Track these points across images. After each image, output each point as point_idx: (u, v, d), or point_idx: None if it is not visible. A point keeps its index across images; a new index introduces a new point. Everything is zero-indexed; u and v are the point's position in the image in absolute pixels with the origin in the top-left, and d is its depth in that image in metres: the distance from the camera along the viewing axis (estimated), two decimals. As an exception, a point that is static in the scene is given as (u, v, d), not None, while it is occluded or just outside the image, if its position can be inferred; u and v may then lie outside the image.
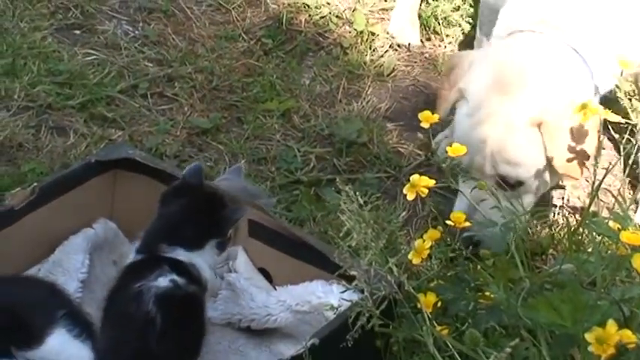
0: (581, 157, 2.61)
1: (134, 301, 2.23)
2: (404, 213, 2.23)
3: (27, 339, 2.31)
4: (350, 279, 2.16)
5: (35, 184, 2.53)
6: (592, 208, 2.20)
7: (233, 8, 3.71)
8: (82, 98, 3.23)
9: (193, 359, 2.29)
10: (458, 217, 2.20)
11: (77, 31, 3.54)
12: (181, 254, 2.32)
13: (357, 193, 2.11)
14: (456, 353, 1.88)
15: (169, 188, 2.45)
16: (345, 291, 2.15)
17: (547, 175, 2.67)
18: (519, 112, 2.60)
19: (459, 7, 3.81)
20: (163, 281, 2.24)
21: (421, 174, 2.20)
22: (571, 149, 2.59)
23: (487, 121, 2.63)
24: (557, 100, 2.59)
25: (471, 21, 3.74)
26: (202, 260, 2.34)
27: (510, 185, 2.63)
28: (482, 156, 2.57)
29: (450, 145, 2.32)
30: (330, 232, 2.62)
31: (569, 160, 2.60)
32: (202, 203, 2.40)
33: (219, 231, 2.38)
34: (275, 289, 2.52)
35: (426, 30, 3.74)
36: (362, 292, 2.10)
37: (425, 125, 2.30)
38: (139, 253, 2.37)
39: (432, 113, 2.35)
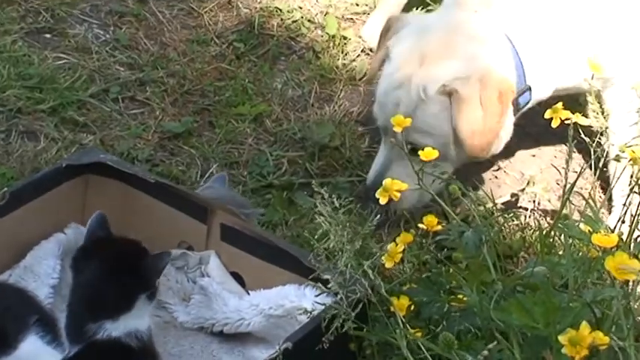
0: (488, 134, 2.69)
1: None
2: (377, 217, 2.22)
3: (1, 345, 2.31)
4: (324, 282, 2.17)
5: (5, 189, 2.52)
6: (563, 211, 2.21)
7: (205, 12, 3.71)
8: (53, 102, 3.22)
9: None
10: (430, 220, 2.21)
11: (48, 35, 3.53)
12: (111, 328, 2.16)
13: (332, 196, 2.12)
14: (429, 356, 1.88)
15: (77, 251, 2.30)
16: (319, 294, 2.16)
17: (454, 148, 2.74)
18: (433, 81, 2.66)
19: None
20: None
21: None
22: (479, 124, 2.64)
23: (402, 85, 2.70)
24: (472, 74, 2.63)
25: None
26: (135, 320, 2.19)
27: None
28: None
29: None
30: (303, 235, 2.62)
31: (475, 135, 2.67)
32: (118, 259, 2.22)
33: (146, 284, 2.21)
34: (248, 293, 2.51)
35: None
36: (336, 295, 2.12)
37: (397, 129, 2.30)
38: (72, 344, 2.20)
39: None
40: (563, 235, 2.22)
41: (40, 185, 2.59)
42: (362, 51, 3.65)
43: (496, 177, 3.20)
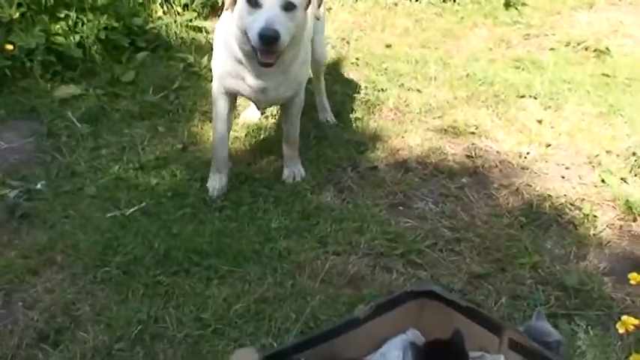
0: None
1: None
2: (618, 342, 2.09)
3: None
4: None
5: (372, 303, 2.56)
6: None
7: (500, 196, 3.66)
8: (402, 249, 3.25)
9: None
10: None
11: (401, 208, 3.58)
12: None
13: (588, 327, 2.01)
14: None
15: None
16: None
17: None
18: None
19: None
20: None
21: (627, 314, 2.08)
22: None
23: None
24: None
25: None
26: None
27: (290, 9, 3.02)
28: None
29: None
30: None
31: None
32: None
33: None
34: (526, 386, 2.41)
35: (632, 212, 3.55)
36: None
37: (633, 282, 2.16)
38: None
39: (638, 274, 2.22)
40: None
41: (393, 303, 2.60)
42: (607, 226, 3.47)
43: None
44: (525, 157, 3.97)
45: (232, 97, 3.49)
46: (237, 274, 3.04)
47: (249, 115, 4.09)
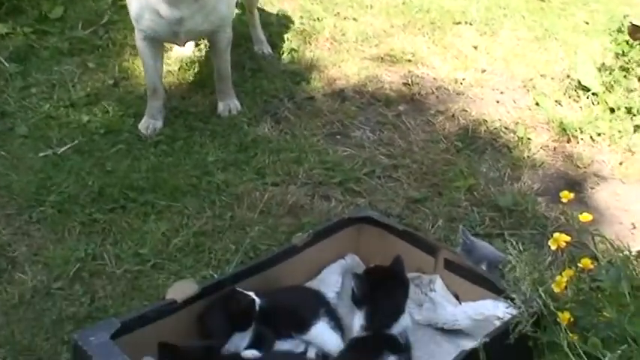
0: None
1: None
2: (549, 258, 2.15)
3: (301, 327, 2.35)
4: (511, 299, 2.11)
5: (310, 231, 2.58)
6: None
7: (437, 122, 3.69)
8: (341, 178, 3.27)
9: None
10: (585, 262, 2.10)
11: (339, 137, 3.59)
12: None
13: (518, 243, 2.07)
14: (582, 352, 1.80)
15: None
16: (508, 307, 2.09)
17: None
18: None
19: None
20: None
21: (560, 232, 2.14)
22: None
23: None
24: None
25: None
26: (405, 320, 2.27)
27: None
28: None
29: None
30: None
31: None
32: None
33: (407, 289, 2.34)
34: (460, 304, 2.47)
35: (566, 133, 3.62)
36: (519, 308, 2.05)
37: (565, 200, 2.22)
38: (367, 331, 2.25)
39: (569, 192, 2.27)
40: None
41: (331, 229, 2.64)
42: (541, 148, 3.54)
43: (632, 233, 3.04)
44: (461, 83, 4.00)
45: (156, 43, 3.42)
46: (174, 209, 3.03)
47: (182, 49, 4.02)
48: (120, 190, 3.08)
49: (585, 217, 2.11)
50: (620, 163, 3.46)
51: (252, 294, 2.31)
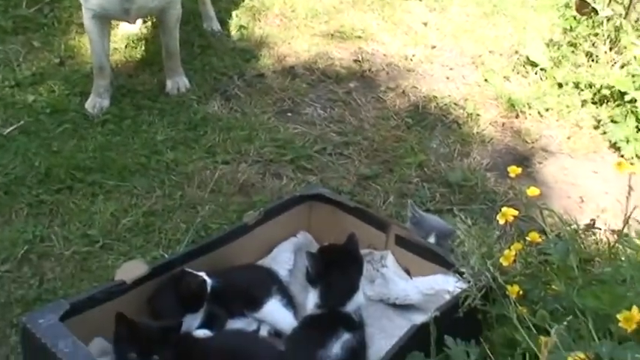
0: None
1: None
2: (497, 232, 2.17)
3: (253, 305, 2.34)
4: (461, 274, 2.12)
5: (262, 209, 2.56)
6: (625, 231, 2.10)
7: (387, 99, 3.70)
8: (292, 156, 3.26)
9: None
10: (533, 236, 2.12)
11: (289, 114, 3.58)
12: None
13: (467, 218, 2.08)
14: (531, 325, 1.82)
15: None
16: (458, 281, 2.11)
17: None
18: None
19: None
20: None
21: (509, 207, 2.15)
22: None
23: None
24: None
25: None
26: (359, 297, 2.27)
27: None
28: None
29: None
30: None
31: None
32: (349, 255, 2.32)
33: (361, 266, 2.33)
34: (411, 279, 2.49)
35: (514, 109, 3.65)
36: (469, 282, 2.07)
37: (512, 175, 2.23)
38: (322, 309, 2.22)
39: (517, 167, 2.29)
40: (624, 247, 2.12)
41: (282, 207, 2.62)
42: (490, 124, 3.57)
43: (580, 207, 3.09)
44: (411, 60, 4.01)
45: (104, 21, 3.35)
46: (123, 189, 2.99)
47: (129, 26, 3.95)
48: (67, 170, 3.03)
49: (533, 191, 2.13)
50: (568, 138, 3.51)
51: (203, 274, 2.28)
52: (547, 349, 1.56)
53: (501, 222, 2.09)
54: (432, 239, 2.56)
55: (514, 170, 2.22)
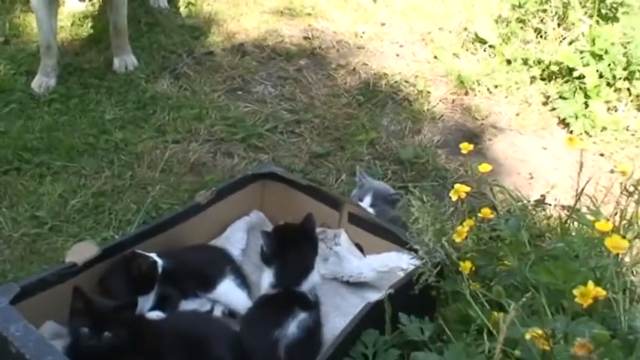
0: None
1: None
2: (450, 209, 2.17)
3: (207, 285, 2.32)
4: (415, 251, 2.13)
5: (213, 188, 2.54)
6: (576, 207, 2.13)
7: (338, 76, 3.69)
8: (243, 134, 3.23)
9: None
10: (485, 212, 2.14)
11: (240, 92, 3.54)
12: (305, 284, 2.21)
13: (422, 195, 2.08)
14: (484, 301, 1.84)
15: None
16: (412, 258, 2.11)
17: None
18: None
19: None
20: None
21: (460, 183, 2.16)
22: None
23: None
24: None
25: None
26: (314, 276, 2.25)
27: None
28: None
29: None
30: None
31: None
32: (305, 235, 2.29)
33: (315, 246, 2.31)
34: (365, 256, 2.49)
35: (464, 85, 3.67)
36: (422, 259, 2.08)
37: (464, 151, 2.24)
38: (277, 288, 2.20)
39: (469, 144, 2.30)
40: (576, 223, 2.15)
41: (234, 186, 2.60)
42: (439, 100, 3.58)
43: (530, 183, 3.12)
44: (361, 37, 4.00)
45: (51, 2, 3.27)
46: (71, 169, 2.93)
47: (75, 3, 3.86)
48: (14, 151, 2.96)
49: (485, 167, 2.15)
50: (517, 114, 3.54)
51: (153, 255, 2.25)
52: (505, 324, 1.57)
53: (454, 198, 2.10)
54: (367, 199, 2.56)
55: (466, 147, 2.23)
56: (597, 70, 3.50)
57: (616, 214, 2.05)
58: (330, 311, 2.30)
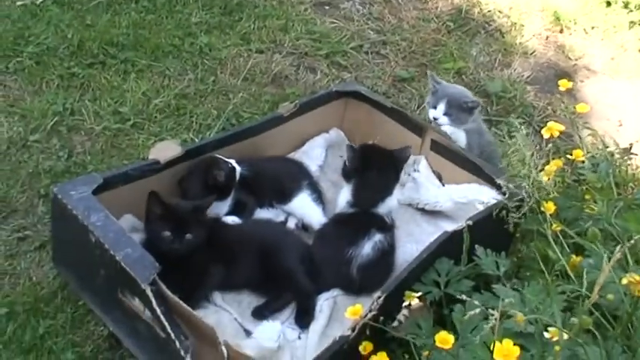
0: None
1: None
2: (537, 146, 2.15)
3: (283, 197, 2.35)
4: (497, 186, 2.12)
5: (297, 101, 2.54)
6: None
7: (429, 0, 3.61)
8: (327, 50, 3.21)
9: None
10: (577, 153, 2.10)
11: (327, 7, 3.50)
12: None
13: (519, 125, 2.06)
14: (563, 241, 1.83)
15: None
16: (494, 192, 2.10)
17: None
18: None
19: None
20: None
21: (547, 122, 2.13)
22: None
23: None
24: None
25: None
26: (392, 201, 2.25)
27: None
28: None
29: None
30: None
31: None
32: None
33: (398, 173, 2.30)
34: (444, 185, 2.48)
35: (560, 22, 3.57)
36: (504, 194, 2.07)
37: (562, 88, 2.20)
38: (355, 207, 2.21)
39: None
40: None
41: (317, 101, 2.61)
42: (534, 35, 3.49)
43: (618, 130, 3.05)
44: (457, -39, 3.90)
45: None
46: (155, 69, 2.96)
47: None
48: (99, 45, 2.99)
49: (583, 107, 2.10)
50: (612, 59, 3.44)
51: (233, 162, 2.29)
52: (610, 265, 1.52)
53: (546, 136, 2.07)
54: (442, 106, 2.50)
55: (565, 84, 2.19)
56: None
57: None
58: (403, 236, 2.32)
